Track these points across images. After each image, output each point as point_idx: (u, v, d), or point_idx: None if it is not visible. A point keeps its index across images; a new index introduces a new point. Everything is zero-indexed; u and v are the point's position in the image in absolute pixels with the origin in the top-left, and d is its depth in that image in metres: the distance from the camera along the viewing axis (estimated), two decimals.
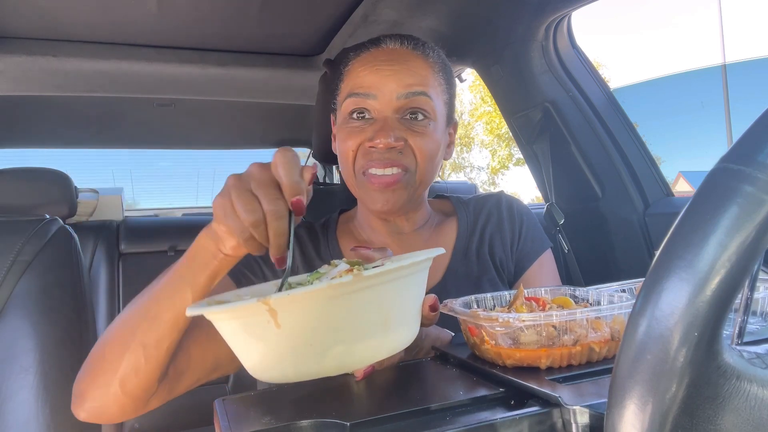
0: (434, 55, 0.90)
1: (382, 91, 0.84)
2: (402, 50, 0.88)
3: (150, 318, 0.65)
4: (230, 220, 0.55)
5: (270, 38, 1.49)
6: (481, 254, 0.96)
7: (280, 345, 0.48)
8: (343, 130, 0.88)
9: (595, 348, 0.55)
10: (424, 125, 0.85)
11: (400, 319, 0.51)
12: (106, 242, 1.95)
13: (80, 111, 1.98)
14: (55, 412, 0.98)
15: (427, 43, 0.92)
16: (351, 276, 0.46)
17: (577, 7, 1.29)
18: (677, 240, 0.30)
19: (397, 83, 0.84)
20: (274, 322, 0.46)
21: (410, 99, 0.84)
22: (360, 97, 0.85)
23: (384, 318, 0.49)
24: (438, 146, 0.88)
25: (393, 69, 0.85)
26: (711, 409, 0.30)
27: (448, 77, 0.93)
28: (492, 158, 16.50)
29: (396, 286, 0.50)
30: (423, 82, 0.85)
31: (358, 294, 0.47)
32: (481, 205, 1.01)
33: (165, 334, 0.65)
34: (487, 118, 15.26)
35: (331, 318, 0.47)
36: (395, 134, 0.82)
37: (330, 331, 0.48)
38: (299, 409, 0.51)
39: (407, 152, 0.84)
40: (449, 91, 0.93)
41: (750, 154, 0.29)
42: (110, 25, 1.35)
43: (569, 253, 1.46)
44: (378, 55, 0.88)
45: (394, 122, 0.84)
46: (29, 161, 2.67)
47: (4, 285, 1.01)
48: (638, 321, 0.30)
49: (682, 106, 10.93)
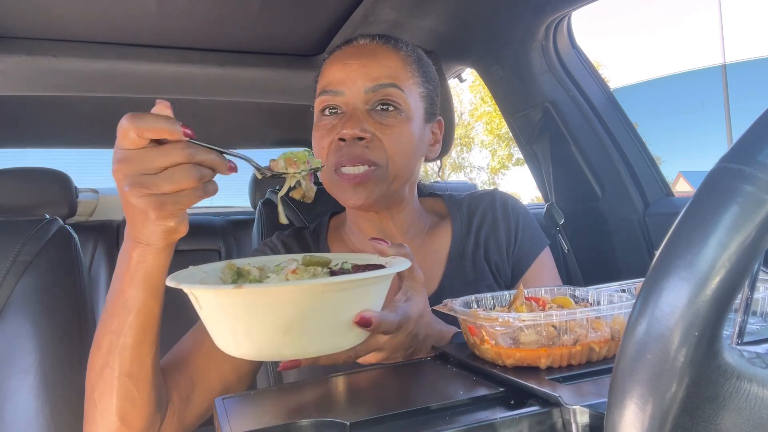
0: (407, 49, 0.89)
1: (349, 86, 0.83)
2: (372, 45, 0.87)
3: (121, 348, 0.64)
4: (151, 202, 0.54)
5: (270, 38, 1.49)
6: (477, 259, 0.94)
7: (206, 322, 0.57)
8: (317, 129, 0.87)
9: (595, 348, 0.55)
10: (394, 117, 0.83)
11: (307, 330, 0.53)
12: (106, 242, 1.96)
13: (80, 111, 1.98)
14: (55, 412, 0.98)
15: (402, 39, 0.91)
16: (233, 286, 0.50)
17: (577, 7, 1.29)
18: (677, 240, 0.30)
19: (365, 77, 0.83)
20: (198, 304, 0.55)
21: (378, 92, 0.82)
22: (329, 95, 0.84)
23: (284, 326, 0.52)
24: (412, 141, 0.85)
25: (360, 62, 0.84)
26: (711, 408, 0.30)
27: (425, 72, 0.90)
28: (492, 158, 16.51)
29: (296, 301, 0.51)
30: (392, 74, 0.84)
31: (246, 300, 0.52)
32: (475, 206, 0.99)
33: (145, 354, 0.65)
34: (487, 118, 15.26)
35: (226, 313, 0.53)
36: (362, 126, 0.81)
37: (227, 323, 0.54)
38: (299, 408, 0.51)
39: (375, 146, 0.82)
40: (426, 86, 0.90)
41: (750, 153, 0.29)
42: (110, 25, 1.35)
43: (569, 253, 1.46)
44: (348, 51, 0.87)
45: (363, 114, 0.83)
46: (29, 161, 2.67)
47: (4, 285, 1.01)
48: (638, 321, 0.30)
49: (682, 106, 10.94)
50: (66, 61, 1.44)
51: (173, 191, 0.54)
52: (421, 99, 0.88)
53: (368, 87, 0.82)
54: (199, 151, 0.54)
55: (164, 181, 0.53)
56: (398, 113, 0.83)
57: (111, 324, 0.64)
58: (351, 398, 0.54)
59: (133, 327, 0.63)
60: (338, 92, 0.84)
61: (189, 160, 0.53)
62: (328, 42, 1.54)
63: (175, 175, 0.53)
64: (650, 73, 30.55)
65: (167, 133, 0.53)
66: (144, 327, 0.64)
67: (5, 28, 1.34)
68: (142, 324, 0.64)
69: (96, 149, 2.60)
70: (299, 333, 0.53)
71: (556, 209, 1.48)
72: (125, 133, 0.53)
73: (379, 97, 0.83)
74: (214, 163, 0.56)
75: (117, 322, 0.64)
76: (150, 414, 0.67)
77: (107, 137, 0.64)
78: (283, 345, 0.53)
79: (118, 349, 0.64)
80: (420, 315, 0.66)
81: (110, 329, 0.64)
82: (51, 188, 1.64)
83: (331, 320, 0.54)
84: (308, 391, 0.56)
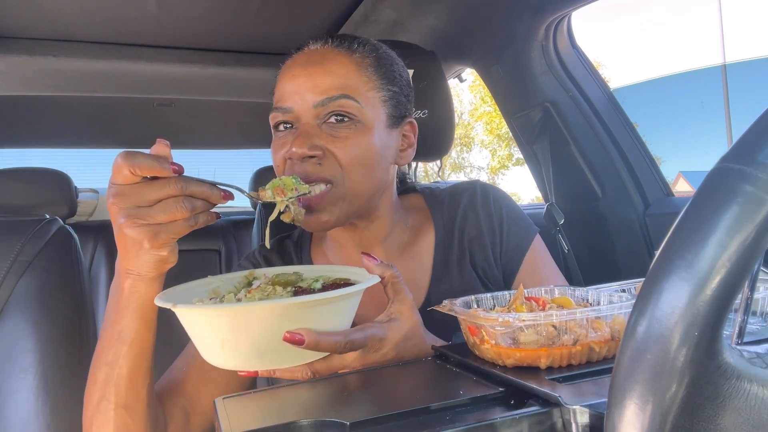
0: (363, 49, 0.81)
1: (297, 101, 0.77)
2: (323, 50, 0.81)
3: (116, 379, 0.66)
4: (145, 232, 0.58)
5: (270, 38, 1.49)
6: (464, 266, 0.89)
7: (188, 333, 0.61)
8: (272, 145, 0.82)
9: (595, 348, 0.55)
10: (348, 128, 0.77)
11: (238, 346, 0.57)
12: (106, 242, 1.95)
13: (80, 111, 1.98)
14: (55, 412, 0.98)
15: (359, 38, 0.83)
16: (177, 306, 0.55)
17: (577, 7, 1.29)
18: (677, 240, 0.30)
19: (313, 90, 0.77)
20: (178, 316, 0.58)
21: (327, 105, 0.76)
22: (279, 112, 0.79)
23: (220, 341, 0.57)
24: (371, 151, 0.78)
25: (308, 73, 0.78)
26: (711, 408, 0.30)
27: (387, 73, 0.82)
28: (492, 158, 16.51)
29: (229, 321, 0.55)
30: (343, 84, 0.77)
31: (195, 318, 0.57)
32: (456, 203, 0.93)
33: (140, 384, 0.67)
34: (487, 118, 15.27)
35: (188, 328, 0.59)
36: (312, 142, 0.75)
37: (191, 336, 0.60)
38: (299, 408, 0.51)
39: (329, 162, 0.76)
40: (389, 88, 0.82)
41: (750, 153, 0.29)
42: (110, 25, 1.35)
43: (569, 253, 1.46)
44: (298, 60, 0.81)
45: (314, 129, 0.77)
46: (29, 161, 2.67)
47: (4, 285, 1.01)
48: (638, 321, 0.30)
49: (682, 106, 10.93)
50: (66, 61, 1.44)
51: (167, 221, 0.58)
52: (382, 104, 0.81)
53: (317, 101, 0.76)
54: (191, 183, 0.58)
55: (158, 212, 0.57)
56: (353, 124, 0.77)
57: (106, 356, 0.66)
58: (351, 398, 0.54)
59: (128, 357, 0.65)
60: (287, 109, 0.78)
61: (181, 192, 0.57)
62: None
63: (169, 206, 0.57)
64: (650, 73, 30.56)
65: (158, 171, 0.57)
66: (138, 357, 0.66)
67: (5, 28, 1.34)
68: (136, 354, 0.66)
69: (96, 149, 2.60)
70: (234, 347, 0.57)
71: (556, 209, 1.47)
72: (119, 169, 0.57)
73: (330, 110, 0.77)
74: (206, 194, 0.59)
75: (112, 354, 0.66)
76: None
77: (107, 137, 0.66)
78: (224, 357, 0.58)
79: (113, 380, 0.66)
80: (404, 338, 0.65)
81: (105, 361, 0.66)
82: (51, 188, 1.64)
83: (263, 339, 0.57)
84: (308, 391, 0.56)
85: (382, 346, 0.64)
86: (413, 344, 0.67)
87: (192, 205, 0.58)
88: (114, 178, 0.58)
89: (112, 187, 0.58)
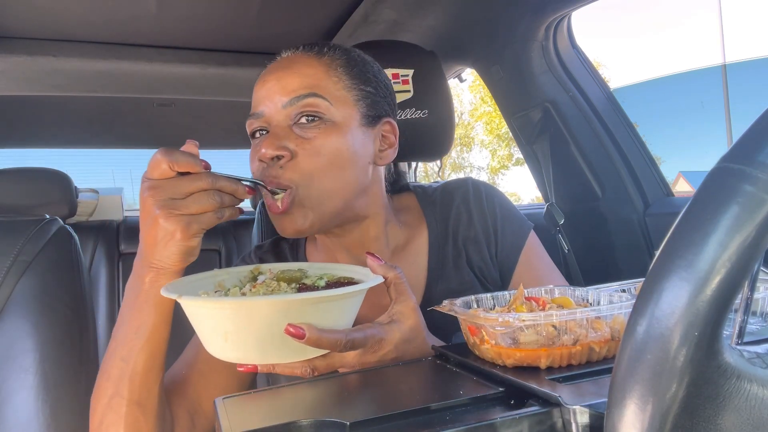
0: (333, 52, 0.82)
1: (267, 104, 0.78)
2: (294, 56, 0.82)
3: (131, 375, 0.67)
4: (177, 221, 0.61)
5: (270, 38, 1.49)
6: (460, 266, 0.89)
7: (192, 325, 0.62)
8: (250, 153, 0.81)
9: (595, 348, 0.55)
10: (317, 128, 0.76)
11: (242, 339, 0.58)
12: (106, 242, 1.96)
13: (80, 111, 1.98)
14: (55, 412, 0.98)
15: (330, 44, 0.84)
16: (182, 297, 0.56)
17: (577, 7, 1.29)
18: (677, 240, 0.30)
19: (281, 91, 0.77)
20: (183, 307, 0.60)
21: (295, 104, 0.76)
22: (252, 118, 0.80)
23: (223, 333, 0.58)
24: (340, 150, 0.77)
25: (277, 77, 0.78)
26: (711, 408, 0.30)
27: (360, 73, 0.82)
28: (492, 158, 16.51)
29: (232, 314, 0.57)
30: (311, 83, 0.77)
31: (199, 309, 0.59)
32: (449, 201, 0.92)
33: (153, 381, 0.68)
34: (487, 118, 15.26)
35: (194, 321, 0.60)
36: (279, 143, 0.75)
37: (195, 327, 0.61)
38: (299, 408, 0.51)
39: (291, 165, 0.75)
40: (362, 87, 0.81)
41: (750, 153, 0.29)
42: (110, 25, 1.35)
43: (569, 253, 1.46)
44: (269, 68, 0.82)
45: (284, 131, 0.76)
46: (29, 161, 2.67)
47: (4, 285, 1.01)
48: (638, 321, 0.30)
49: (682, 106, 10.93)
50: (66, 61, 1.44)
51: (198, 212, 0.62)
52: (355, 102, 0.80)
53: (285, 101, 0.76)
54: (220, 178, 0.63)
55: (191, 203, 0.61)
56: (322, 123, 0.76)
57: (121, 351, 0.67)
58: (351, 398, 0.54)
59: (144, 352, 0.66)
60: (259, 114, 0.79)
61: (212, 186, 0.62)
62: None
63: (200, 198, 0.62)
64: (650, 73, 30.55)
65: (192, 167, 0.62)
66: (153, 352, 0.67)
67: (5, 28, 1.34)
68: (152, 349, 0.67)
69: (96, 149, 2.60)
70: (238, 341, 0.58)
71: (556, 209, 1.47)
72: (158, 164, 0.61)
73: (298, 110, 0.76)
74: (233, 189, 0.64)
75: (127, 349, 0.67)
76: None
77: (107, 137, 0.67)
78: (227, 349, 0.59)
79: (128, 375, 0.67)
80: (405, 340, 0.65)
81: (120, 356, 0.67)
82: (51, 188, 1.64)
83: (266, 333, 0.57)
84: (308, 391, 0.56)
85: (381, 347, 0.64)
86: (414, 346, 0.67)
87: (221, 199, 0.63)
88: (150, 173, 0.62)
89: (147, 181, 0.62)
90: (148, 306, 0.66)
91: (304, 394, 0.55)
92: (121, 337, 0.67)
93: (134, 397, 0.67)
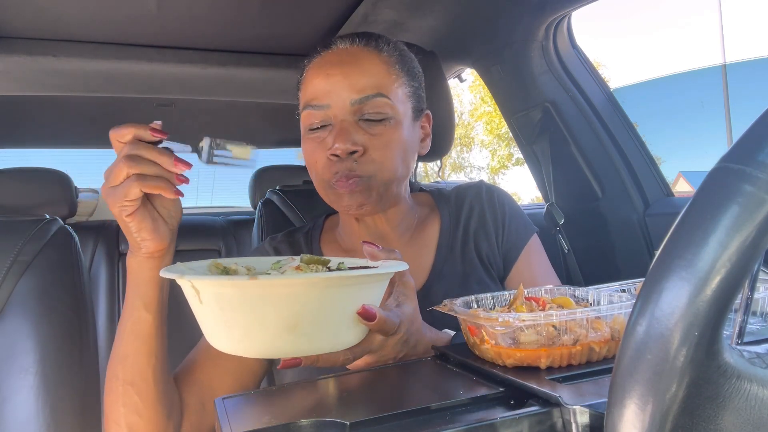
0: (389, 48, 0.86)
1: (334, 99, 0.81)
2: (353, 49, 0.85)
3: (122, 356, 0.69)
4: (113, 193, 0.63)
5: (270, 38, 1.49)
6: (467, 252, 0.93)
7: (204, 317, 0.56)
8: (306, 142, 0.86)
9: (595, 348, 0.55)
10: (384, 125, 0.82)
11: (316, 326, 0.53)
12: (106, 242, 1.95)
13: (80, 111, 1.98)
14: (55, 412, 0.98)
15: (382, 36, 0.88)
16: (248, 277, 0.50)
17: (577, 7, 1.29)
18: (677, 240, 0.30)
19: (349, 89, 0.80)
20: (198, 298, 0.53)
21: (364, 103, 0.81)
22: (314, 109, 0.83)
23: (293, 322, 0.52)
24: (401, 145, 0.84)
25: (343, 72, 0.81)
26: (711, 408, 0.30)
27: (409, 68, 0.88)
28: (492, 158, 16.51)
29: (307, 295, 0.52)
30: (377, 83, 0.82)
31: (257, 294, 0.51)
32: (462, 198, 0.98)
33: (143, 364, 0.68)
34: (487, 118, 15.27)
35: (233, 307, 0.52)
36: (353, 138, 0.80)
37: (232, 318, 0.53)
38: (299, 408, 0.51)
39: (365, 159, 0.81)
40: (411, 83, 0.87)
41: (750, 153, 0.29)
42: (110, 25, 1.35)
43: (569, 253, 1.46)
44: (329, 59, 0.84)
45: (352, 126, 0.81)
46: (29, 161, 2.67)
47: (4, 285, 1.01)
48: (638, 321, 0.30)
49: (682, 106, 10.92)
50: (66, 61, 1.44)
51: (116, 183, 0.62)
52: (408, 99, 0.86)
53: (354, 99, 0.81)
54: (142, 146, 0.63)
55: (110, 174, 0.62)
56: (387, 121, 0.82)
57: (117, 334, 0.70)
58: (351, 398, 0.54)
59: (130, 335, 0.68)
60: (324, 106, 0.82)
61: (128, 152, 0.62)
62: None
63: (117, 167, 0.62)
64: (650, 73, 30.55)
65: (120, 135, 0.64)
66: (137, 336, 0.68)
67: (5, 28, 1.34)
68: (136, 333, 0.68)
69: (96, 149, 2.60)
70: (309, 327, 0.53)
71: (556, 209, 1.48)
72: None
73: (366, 109, 0.81)
74: (154, 156, 0.63)
75: (119, 332, 0.70)
76: (159, 424, 0.69)
77: (107, 137, 0.66)
78: (288, 341, 0.53)
79: (119, 357, 0.69)
80: (411, 321, 0.66)
81: (116, 339, 0.70)
82: (51, 188, 1.64)
83: (337, 315, 0.55)
84: (308, 391, 0.56)
85: (400, 330, 0.64)
86: (417, 329, 0.68)
87: (137, 166, 0.62)
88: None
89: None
90: (129, 290, 0.68)
91: (304, 394, 0.55)
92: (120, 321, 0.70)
93: (128, 378, 0.68)
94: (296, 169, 2.10)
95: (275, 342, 0.53)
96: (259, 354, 0.55)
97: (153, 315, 0.68)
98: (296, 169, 2.10)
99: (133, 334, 0.68)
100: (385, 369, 0.61)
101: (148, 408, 0.68)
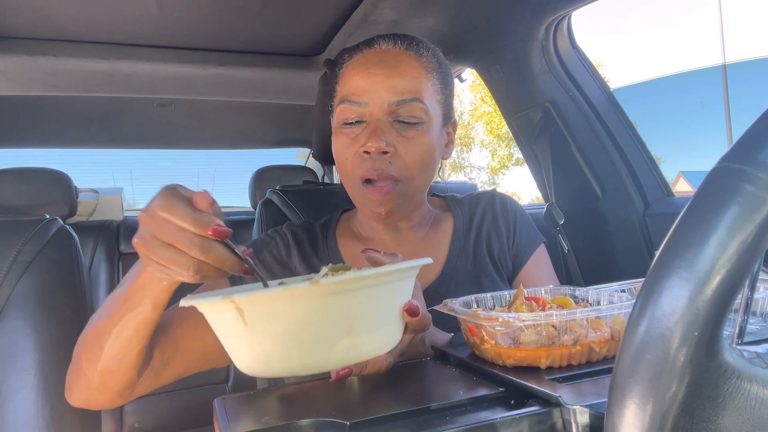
0: (428, 54, 0.88)
1: (373, 98, 0.83)
2: (395, 51, 0.86)
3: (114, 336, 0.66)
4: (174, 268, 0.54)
5: (270, 38, 1.49)
6: (479, 251, 0.96)
7: (249, 341, 0.50)
8: (338, 136, 0.87)
9: (595, 348, 0.55)
10: (416, 130, 0.84)
11: (369, 326, 0.51)
12: (106, 242, 1.96)
13: (80, 111, 1.98)
14: (55, 412, 0.98)
15: (422, 41, 0.90)
16: (307, 283, 0.46)
17: (577, 7, 1.29)
18: (677, 240, 0.30)
19: (388, 90, 0.82)
20: (242, 320, 0.48)
21: (402, 106, 0.83)
22: (352, 104, 0.84)
23: (348, 324, 0.50)
24: (431, 149, 0.86)
25: (384, 73, 0.83)
26: (711, 408, 0.30)
27: (444, 75, 0.90)
28: (492, 158, 16.51)
29: (361, 294, 0.50)
30: (415, 87, 0.83)
31: (318, 300, 0.48)
32: (476, 203, 1.02)
33: (133, 345, 0.67)
34: (487, 118, 15.25)
35: (292, 320, 0.48)
36: (386, 139, 0.81)
37: (292, 332, 0.49)
38: (299, 408, 0.51)
39: (397, 161, 0.83)
40: (445, 91, 0.90)
41: (750, 153, 0.29)
42: (110, 25, 1.35)
43: (569, 253, 1.46)
44: (370, 57, 0.86)
45: (386, 126, 0.83)
46: (29, 161, 2.67)
47: (4, 285, 1.01)
48: (638, 321, 0.30)
49: (682, 106, 10.93)
50: (66, 61, 1.44)
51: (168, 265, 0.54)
52: (440, 105, 0.88)
53: (392, 101, 0.82)
54: (213, 246, 0.53)
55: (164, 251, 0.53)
56: (420, 126, 0.84)
57: (110, 310, 0.66)
58: (351, 398, 0.54)
59: (130, 324, 0.65)
60: (362, 103, 0.83)
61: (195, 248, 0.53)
62: (328, 42, 1.54)
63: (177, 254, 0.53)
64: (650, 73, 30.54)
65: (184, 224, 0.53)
66: (139, 328, 0.66)
67: (5, 28, 1.34)
68: (138, 326, 0.66)
69: (96, 149, 2.60)
70: (363, 327, 0.50)
71: (556, 209, 1.47)
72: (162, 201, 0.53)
73: (402, 112, 0.83)
74: (220, 261, 0.54)
75: (117, 314, 0.65)
76: (129, 382, 0.69)
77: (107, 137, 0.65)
78: (344, 347, 0.50)
79: (111, 335, 0.66)
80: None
81: (108, 314, 0.66)
82: (51, 188, 1.64)
83: (385, 313, 0.53)
84: (308, 391, 0.56)
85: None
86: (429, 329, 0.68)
87: (199, 264, 0.54)
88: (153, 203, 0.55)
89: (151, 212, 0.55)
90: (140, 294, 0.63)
91: (304, 394, 0.55)
92: (115, 301, 0.66)
93: (112, 353, 0.66)
94: (296, 169, 2.10)
95: (333, 349, 0.50)
96: (317, 368, 0.51)
97: (158, 314, 0.67)
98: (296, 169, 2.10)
99: (136, 325, 0.65)
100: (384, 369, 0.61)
101: (124, 372, 0.68)
